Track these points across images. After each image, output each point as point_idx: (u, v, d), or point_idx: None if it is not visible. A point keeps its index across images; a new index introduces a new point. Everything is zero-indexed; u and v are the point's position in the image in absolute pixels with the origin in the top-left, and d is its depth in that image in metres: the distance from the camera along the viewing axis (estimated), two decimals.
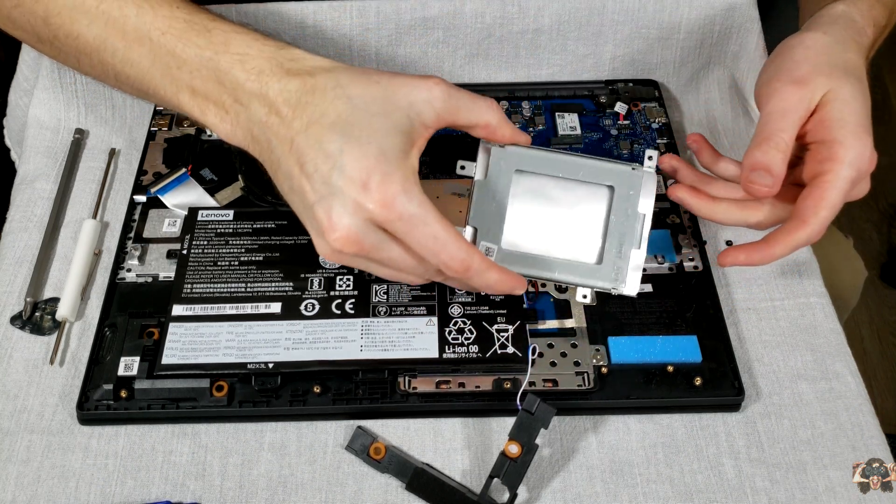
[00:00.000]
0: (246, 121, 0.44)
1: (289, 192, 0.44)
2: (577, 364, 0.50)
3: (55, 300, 0.54)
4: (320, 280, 0.52)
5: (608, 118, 0.64)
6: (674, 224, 0.57)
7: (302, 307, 0.51)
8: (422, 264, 0.43)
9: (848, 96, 0.47)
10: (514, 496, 0.44)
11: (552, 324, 0.52)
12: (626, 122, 0.64)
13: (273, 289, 0.51)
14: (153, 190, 0.57)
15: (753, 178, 0.47)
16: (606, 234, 0.50)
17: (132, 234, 0.56)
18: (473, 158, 0.49)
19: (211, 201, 0.57)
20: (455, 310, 0.51)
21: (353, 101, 0.42)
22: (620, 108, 0.64)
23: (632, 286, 0.49)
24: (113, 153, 0.62)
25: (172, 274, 0.53)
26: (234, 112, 0.45)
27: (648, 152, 0.50)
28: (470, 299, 0.51)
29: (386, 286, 0.52)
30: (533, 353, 0.49)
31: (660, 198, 0.58)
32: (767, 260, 0.48)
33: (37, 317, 0.53)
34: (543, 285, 0.53)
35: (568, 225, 0.50)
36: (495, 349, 0.49)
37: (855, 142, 0.46)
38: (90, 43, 0.48)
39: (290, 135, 0.42)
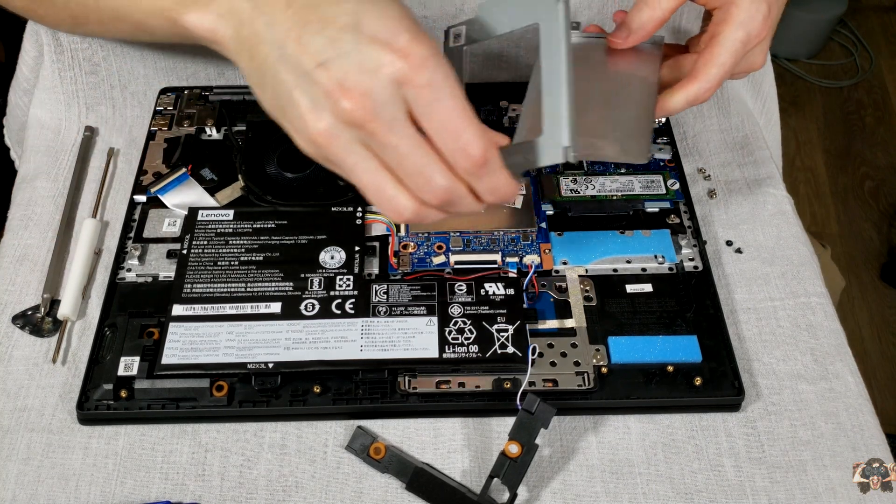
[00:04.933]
0: None
1: (276, 62, 0.38)
2: (577, 364, 0.50)
3: (56, 301, 0.54)
4: (320, 280, 0.52)
5: None
6: (674, 224, 0.57)
7: (302, 307, 0.51)
8: (426, 165, 0.38)
9: None
10: (514, 496, 0.44)
11: (552, 324, 0.52)
12: None
13: (273, 289, 0.51)
14: (153, 190, 0.57)
15: (614, 32, 0.50)
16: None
17: (132, 234, 0.56)
18: None
19: (211, 201, 0.57)
20: (455, 310, 0.51)
21: None
22: None
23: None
24: (112, 153, 0.62)
25: (172, 274, 0.53)
26: None
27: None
28: (470, 299, 0.51)
29: (386, 286, 0.52)
30: (533, 353, 0.49)
31: (660, 198, 0.58)
32: (661, 113, 0.50)
33: (37, 318, 0.53)
34: (543, 285, 0.53)
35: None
36: (495, 349, 0.49)
37: (749, 5, 0.48)
38: None
39: None
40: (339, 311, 0.50)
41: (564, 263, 0.55)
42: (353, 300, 0.51)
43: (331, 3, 0.37)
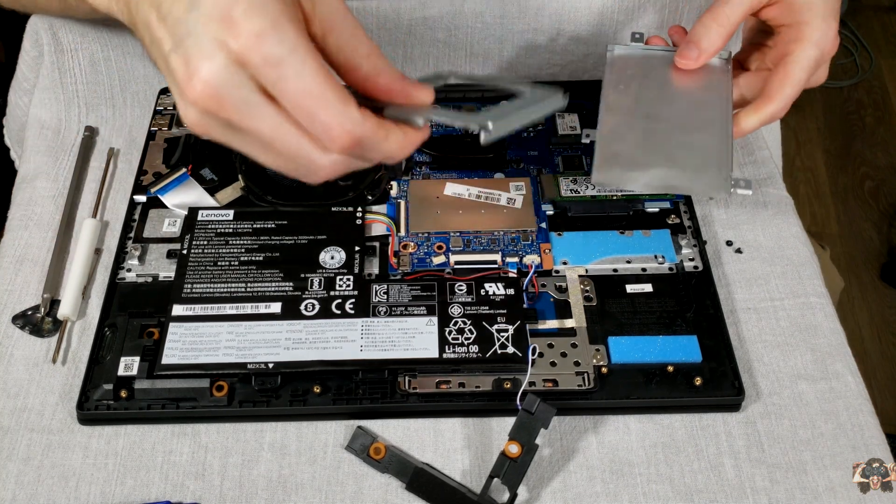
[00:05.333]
0: None
1: (149, 45, 0.36)
2: (577, 364, 0.50)
3: (56, 302, 0.54)
4: (320, 280, 0.52)
5: None
6: (674, 224, 0.57)
7: (302, 307, 0.51)
8: (299, 147, 0.35)
9: None
10: (514, 496, 0.44)
11: (552, 324, 0.52)
12: None
13: (273, 289, 0.51)
14: (153, 190, 0.57)
15: (682, 51, 0.50)
16: None
17: (132, 234, 0.56)
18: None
19: (211, 201, 0.57)
20: (455, 310, 0.51)
21: None
22: None
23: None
24: (112, 153, 0.62)
25: (172, 274, 0.53)
26: None
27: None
28: (470, 299, 0.51)
29: (386, 286, 0.52)
30: (533, 353, 0.49)
31: (660, 198, 0.58)
32: (737, 134, 0.49)
33: (37, 318, 0.53)
34: (543, 285, 0.53)
35: None
36: (495, 349, 0.49)
37: (821, 23, 0.48)
38: None
39: None
40: (339, 311, 0.50)
41: (564, 263, 0.55)
42: (353, 300, 0.51)
43: None
